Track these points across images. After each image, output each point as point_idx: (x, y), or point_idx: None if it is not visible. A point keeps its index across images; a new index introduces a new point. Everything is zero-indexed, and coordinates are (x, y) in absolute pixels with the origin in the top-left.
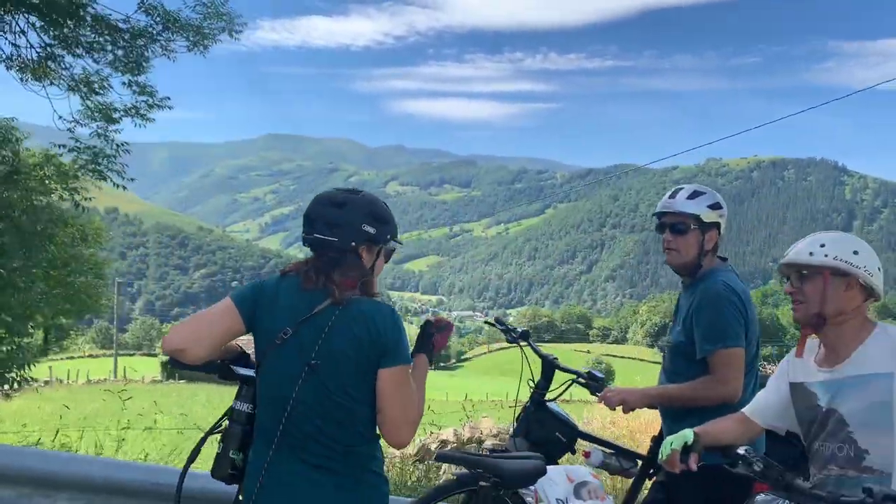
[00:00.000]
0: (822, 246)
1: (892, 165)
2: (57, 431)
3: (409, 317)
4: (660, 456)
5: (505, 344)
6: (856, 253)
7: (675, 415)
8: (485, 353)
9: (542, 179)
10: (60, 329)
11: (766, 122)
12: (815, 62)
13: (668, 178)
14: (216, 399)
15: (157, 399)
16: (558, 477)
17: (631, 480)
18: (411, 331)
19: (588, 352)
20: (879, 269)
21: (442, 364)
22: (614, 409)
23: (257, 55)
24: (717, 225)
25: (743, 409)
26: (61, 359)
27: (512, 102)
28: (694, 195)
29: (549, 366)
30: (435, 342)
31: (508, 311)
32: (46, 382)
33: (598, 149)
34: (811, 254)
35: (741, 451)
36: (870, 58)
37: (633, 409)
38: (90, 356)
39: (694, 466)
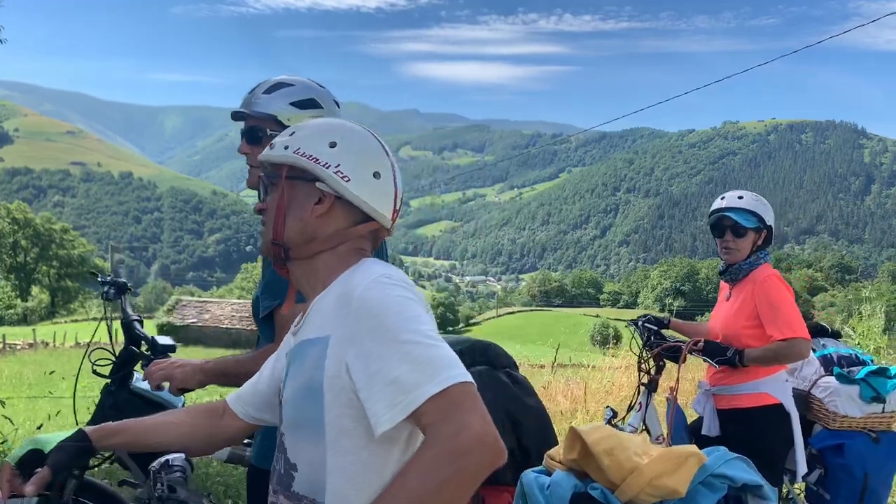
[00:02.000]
0: (292, 134)
1: None
2: None
3: (422, 281)
4: None
5: (513, 308)
6: (333, 145)
7: None
8: (493, 317)
9: (557, 143)
10: (66, 292)
11: (698, 87)
12: (835, 23)
13: (685, 141)
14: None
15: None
16: None
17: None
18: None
19: (597, 316)
20: (377, 175)
21: (450, 329)
22: (159, 388)
23: (267, 17)
24: None
25: (227, 396)
26: (65, 321)
27: (526, 65)
28: (274, 88)
29: (131, 331)
30: None
31: (521, 276)
32: (30, 345)
33: (613, 112)
34: (273, 146)
35: (155, 465)
36: (891, 18)
37: (187, 390)
38: (93, 319)
39: (30, 490)
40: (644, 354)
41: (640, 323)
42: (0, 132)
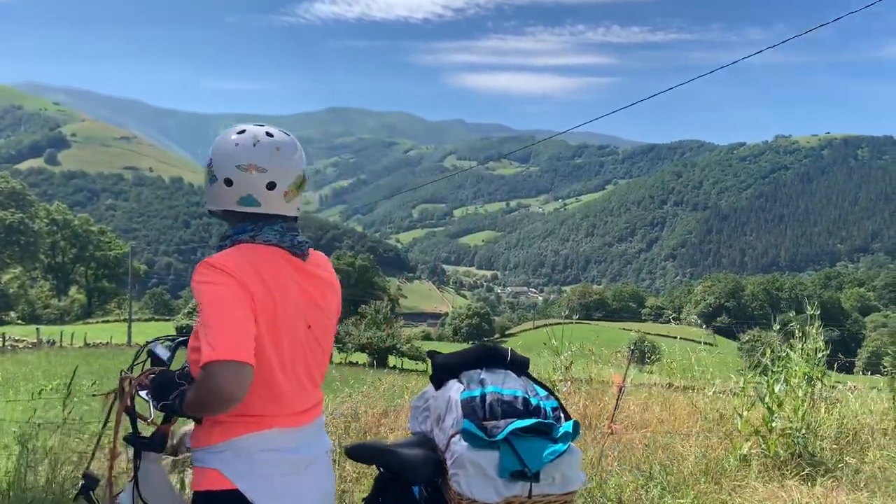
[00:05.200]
0: None
1: None
2: None
3: (463, 291)
4: None
5: (550, 320)
6: None
7: None
8: (530, 329)
9: (603, 155)
10: (103, 293)
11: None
12: (894, 34)
13: (735, 154)
14: None
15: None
16: None
17: None
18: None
19: (638, 331)
20: None
21: (485, 339)
22: None
23: (317, 28)
24: None
25: None
26: (96, 322)
27: (573, 76)
28: None
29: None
30: None
31: (564, 288)
32: (34, 344)
33: (661, 124)
34: None
35: None
36: None
37: None
38: (123, 320)
39: None
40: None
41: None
42: (58, 137)
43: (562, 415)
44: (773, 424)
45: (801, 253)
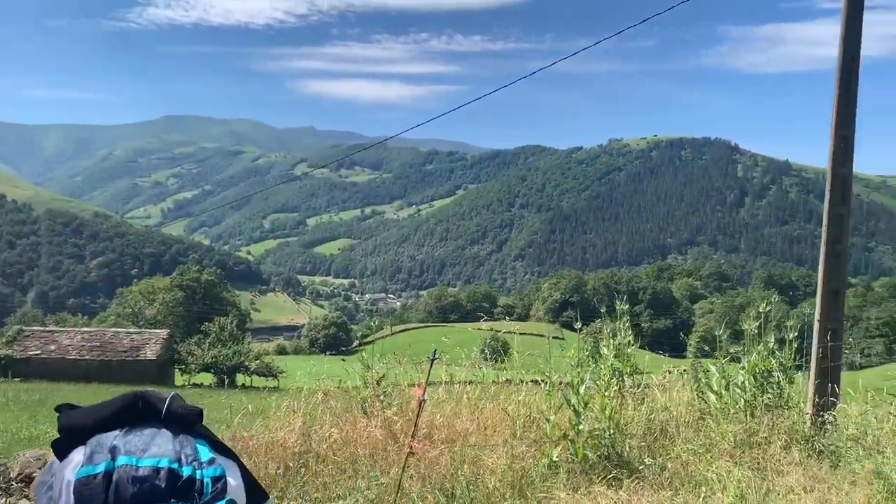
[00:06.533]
0: None
1: (780, 144)
2: None
3: (320, 301)
4: None
5: (409, 325)
6: None
7: None
8: (387, 335)
9: (453, 161)
10: None
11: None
12: (708, 46)
13: (574, 158)
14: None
15: None
16: None
17: None
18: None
19: (491, 329)
20: None
21: (343, 348)
22: None
23: (152, 33)
24: None
25: None
26: None
27: (420, 84)
28: None
29: None
30: None
31: (421, 293)
32: None
33: (506, 131)
34: None
35: None
36: (758, 42)
37: None
38: None
39: None
40: None
41: None
42: None
43: (229, 483)
44: (581, 427)
45: (636, 248)
